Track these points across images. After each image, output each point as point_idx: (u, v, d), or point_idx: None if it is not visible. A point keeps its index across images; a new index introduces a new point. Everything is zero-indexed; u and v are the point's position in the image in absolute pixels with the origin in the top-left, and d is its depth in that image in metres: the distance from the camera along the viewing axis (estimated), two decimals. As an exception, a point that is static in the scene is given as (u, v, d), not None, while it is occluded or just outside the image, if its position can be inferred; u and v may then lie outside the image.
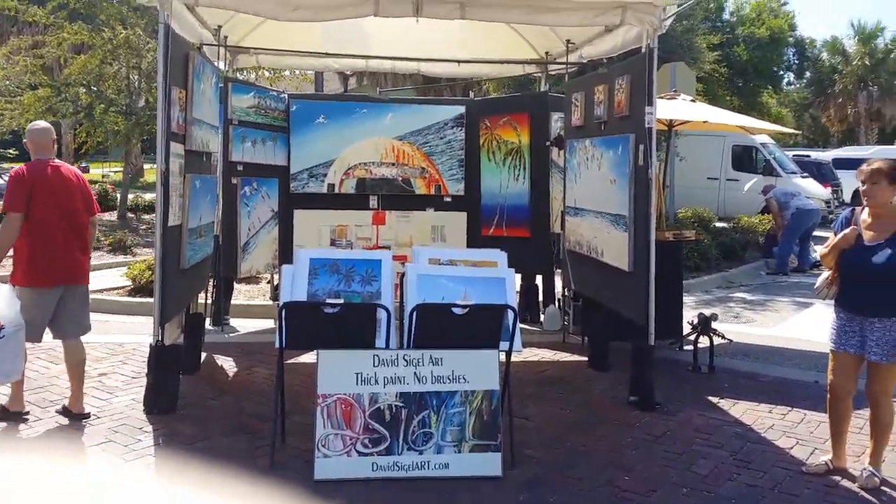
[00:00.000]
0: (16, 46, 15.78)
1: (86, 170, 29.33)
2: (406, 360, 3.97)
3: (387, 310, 4.05)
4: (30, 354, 6.07)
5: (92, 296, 8.47)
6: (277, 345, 4.02)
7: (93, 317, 7.85)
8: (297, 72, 17.32)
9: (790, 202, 11.65)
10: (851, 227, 3.99)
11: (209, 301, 7.28)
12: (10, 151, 24.85)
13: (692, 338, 6.22)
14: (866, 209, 4.03)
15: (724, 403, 5.27)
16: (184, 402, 4.99)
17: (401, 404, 3.93)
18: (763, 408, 5.18)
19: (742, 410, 5.12)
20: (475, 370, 4.01)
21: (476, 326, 4.07)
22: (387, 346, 4.06)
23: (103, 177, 23.86)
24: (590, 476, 4.02)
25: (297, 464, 4.02)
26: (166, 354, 4.86)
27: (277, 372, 4.12)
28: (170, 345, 4.98)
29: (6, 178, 17.73)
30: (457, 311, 4.04)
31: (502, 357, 4.19)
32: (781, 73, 35.28)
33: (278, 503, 3.63)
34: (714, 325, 6.23)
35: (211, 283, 7.29)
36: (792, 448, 4.47)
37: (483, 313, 4.10)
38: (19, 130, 17.87)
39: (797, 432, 4.73)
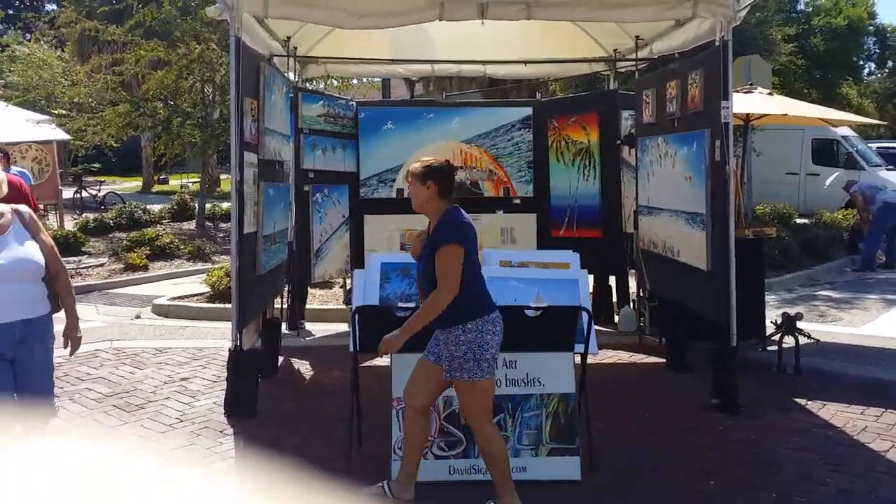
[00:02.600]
0: (97, 64, 16.44)
1: (164, 181, 30.33)
2: (480, 363, 3.92)
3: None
4: (115, 360, 6.35)
5: (174, 302, 8.92)
6: (351, 349, 4.04)
7: (174, 323, 8.30)
8: (365, 80, 17.56)
9: (876, 196, 11.13)
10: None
11: (285, 306, 7.43)
12: (95, 165, 25.98)
13: (776, 338, 5.98)
14: None
15: (812, 405, 5.04)
16: (263, 406, 5.07)
17: (476, 407, 3.89)
18: (854, 409, 4.94)
19: (832, 413, 4.90)
20: (550, 373, 3.95)
21: (550, 329, 4.00)
22: (461, 349, 4.03)
23: (182, 187, 24.63)
24: (672, 481, 3.91)
25: (373, 466, 4.03)
26: (245, 359, 4.95)
27: (352, 375, 4.14)
28: (248, 349, 5.08)
29: (91, 192, 18.36)
30: (530, 313, 3.99)
31: (578, 359, 4.12)
32: (861, 62, 33.85)
33: (356, 506, 3.64)
34: (799, 324, 5.98)
35: (286, 289, 7.47)
36: (888, 451, 4.24)
37: (557, 315, 4.03)
38: (102, 146, 18.68)
39: (891, 434, 4.49)
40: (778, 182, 16.61)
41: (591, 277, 7.90)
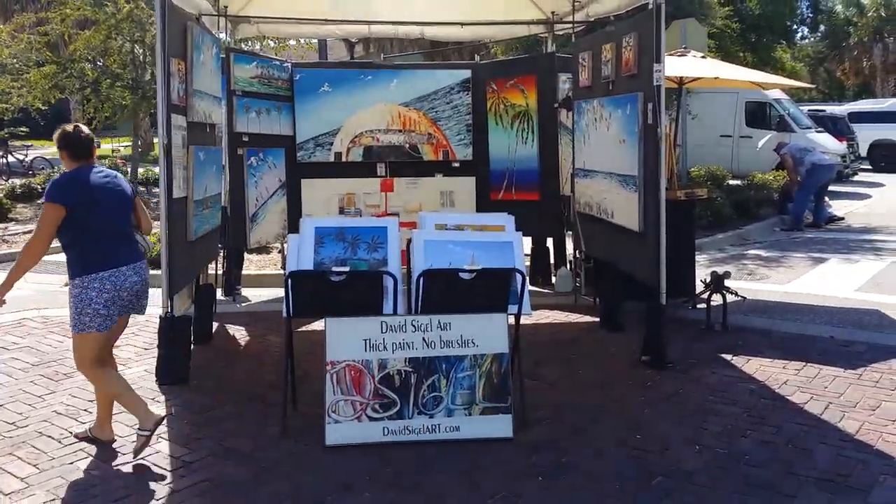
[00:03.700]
0: (20, 24, 15.69)
1: (97, 145, 29.30)
2: (414, 326, 3.95)
3: (393, 277, 4.03)
4: (42, 328, 6.17)
5: (104, 271, 8.68)
6: (285, 314, 4.02)
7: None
8: (303, 42, 17.20)
9: (805, 157, 11.47)
10: None
11: (220, 272, 7.32)
12: (22, 129, 24.90)
13: (705, 296, 6.16)
14: None
15: (738, 360, 5.23)
16: (196, 373, 5.02)
17: (410, 369, 3.93)
18: (777, 364, 5.14)
19: (755, 367, 5.09)
20: (484, 334, 3.99)
21: (484, 291, 4.05)
22: (395, 313, 4.05)
23: (113, 151, 23.85)
24: (601, 436, 4.02)
25: (308, 430, 4.04)
26: (176, 326, 4.88)
27: (286, 340, 4.12)
28: (180, 316, 5.00)
29: (17, 157, 17.65)
30: (464, 276, 4.02)
31: (512, 320, 4.18)
32: (795, 27, 34.58)
33: (290, 469, 3.65)
34: (727, 282, 6.17)
35: (221, 255, 7.34)
36: (806, 403, 4.44)
37: (491, 277, 4.08)
38: (28, 108, 17.88)
39: (811, 387, 4.69)
40: (712, 144, 16.97)
41: (529, 240, 8.07)
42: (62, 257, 9.59)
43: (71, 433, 4.09)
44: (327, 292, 4.00)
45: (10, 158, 19.80)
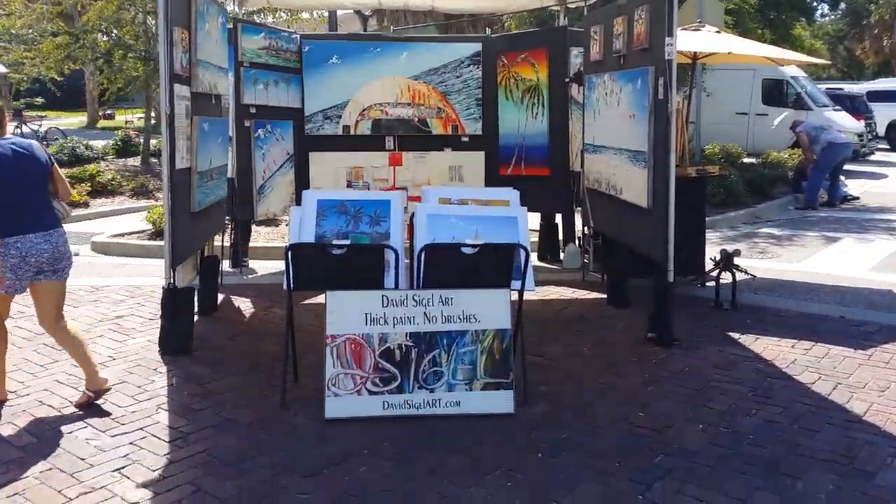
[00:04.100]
0: (33, -8, 15.65)
1: (111, 116, 29.34)
2: (415, 301, 3.91)
3: (395, 250, 3.98)
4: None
5: (114, 240, 8.71)
6: (285, 287, 3.99)
7: (114, 260, 8.10)
8: (315, 14, 17.00)
9: (820, 136, 11.30)
10: None
11: (228, 244, 7.32)
12: (37, 100, 24.92)
13: (714, 274, 6.08)
14: None
15: (746, 339, 5.17)
16: (199, 344, 5.01)
17: (411, 344, 3.89)
18: (785, 343, 5.07)
19: (763, 346, 5.02)
20: (486, 309, 3.94)
21: (487, 266, 3.99)
22: (396, 287, 4.01)
23: (126, 122, 23.87)
24: (604, 413, 3.98)
25: (308, 403, 4.03)
26: (179, 296, 4.86)
27: (287, 313, 4.09)
28: (183, 287, 4.98)
29: (31, 128, 17.66)
30: (467, 250, 3.96)
31: (516, 296, 4.12)
32: (815, 4, 33.95)
33: (289, 442, 3.63)
34: (737, 260, 6.09)
35: (229, 226, 7.34)
36: (814, 383, 4.37)
37: (494, 252, 4.02)
38: (43, 79, 17.86)
39: (820, 367, 4.63)
40: (728, 122, 16.74)
41: (538, 216, 8.00)
42: (71, 227, 9.62)
43: (72, 403, 4.09)
44: (328, 265, 3.96)
45: (25, 129, 19.83)
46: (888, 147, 21.07)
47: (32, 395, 4.23)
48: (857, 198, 12.10)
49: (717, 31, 8.50)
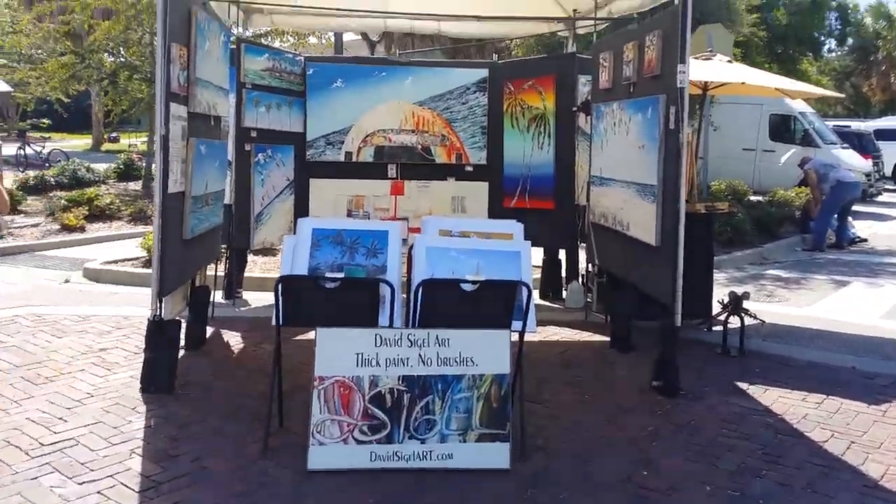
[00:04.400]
0: (42, 12, 15.59)
1: (115, 140, 29.30)
2: (410, 341, 3.70)
3: (391, 285, 3.78)
4: (33, 327, 5.98)
5: (105, 266, 8.52)
6: (274, 321, 3.79)
7: (105, 288, 7.91)
8: (322, 38, 16.99)
9: (829, 174, 11.12)
10: None
11: (221, 273, 7.12)
12: (44, 121, 24.88)
13: (722, 318, 5.87)
14: None
15: (754, 390, 4.94)
16: (184, 380, 4.79)
17: (403, 388, 3.68)
18: (796, 395, 4.84)
19: (773, 398, 4.79)
20: (485, 352, 3.73)
21: (487, 304, 3.79)
22: (391, 325, 3.81)
23: (130, 146, 23.81)
24: (605, 471, 3.74)
25: (292, 450, 3.79)
26: (165, 330, 4.65)
27: (275, 350, 3.88)
28: (169, 320, 4.78)
29: (35, 149, 17.56)
30: (467, 286, 3.76)
31: (516, 337, 3.91)
32: (823, 39, 34.05)
33: (264, 497, 3.40)
34: (746, 304, 5.87)
35: (224, 255, 7.14)
36: (826, 441, 4.14)
37: (495, 289, 3.82)
38: (50, 100, 17.79)
39: (832, 423, 4.39)
40: (734, 158, 16.59)
41: (541, 251, 7.79)
42: (66, 252, 9.49)
43: (41, 444, 3.86)
44: (320, 299, 3.76)
45: (28, 150, 19.78)
46: (895, 188, 20.90)
47: (1, 433, 3.99)
48: (866, 240, 11.89)
49: (730, 61, 8.35)
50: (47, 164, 18.01)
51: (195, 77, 4.96)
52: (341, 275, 3.81)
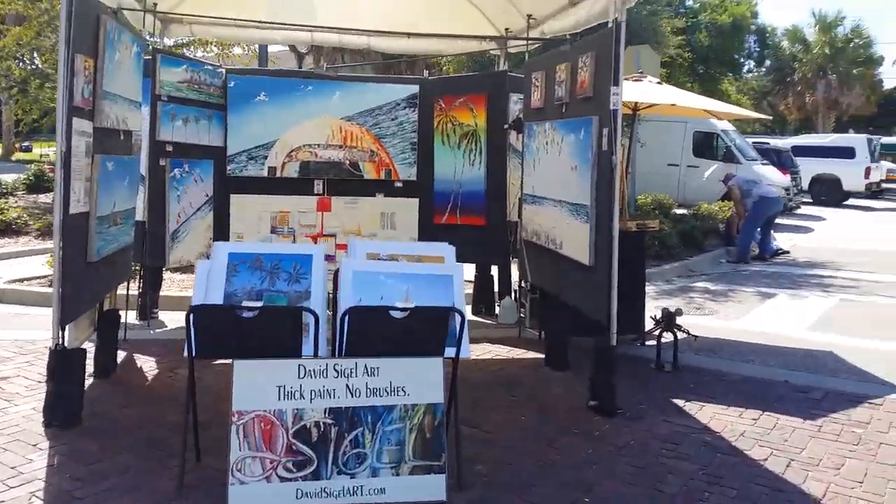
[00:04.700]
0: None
1: (28, 149, 28.03)
2: (336, 371, 3.46)
3: (314, 313, 3.53)
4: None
5: (10, 286, 7.94)
6: (186, 353, 3.49)
7: (8, 309, 7.35)
8: (248, 50, 16.55)
9: (752, 189, 11.42)
10: None
11: (137, 292, 6.71)
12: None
13: (655, 333, 5.82)
14: None
15: (691, 407, 4.87)
16: (92, 412, 4.41)
17: (330, 421, 3.43)
18: (732, 412, 4.80)
19: (710, 415, 4.73)
20: (416, 381, 3.52)
21: (419, 331, 3.58)
22: (315, 355, 3.56)
23: (42, 156, 22.70)
24: (547, 499, 3.57)
25: (211, 488, 3.50)
26: (69, 359, 4.27)
27: (188, 382, 3.57)
28: (74, 348, 4.40)
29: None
30: (396, 314, 3.54)
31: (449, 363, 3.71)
32: (742, 60, 35.42)
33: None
34: (678, 320, 5.84)
35: (138, 275, 6.74)
36: (766, 460, 4.08)
37: (427, 316, 3.61)
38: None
39: (770, 440, 4.35)
40: (660, 173, 16.94)
41: (472, 267, 7.66)
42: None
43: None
44: (237, 330, 3.48)
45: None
46: (811, 201, 21.72)
47: None
48: (788, 252, 12.21)
49: (659, 82, 8.44)
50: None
51: (102, 90, 4.61)
52: (259, 303, 3.54)
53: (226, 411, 3.91)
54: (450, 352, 3.67)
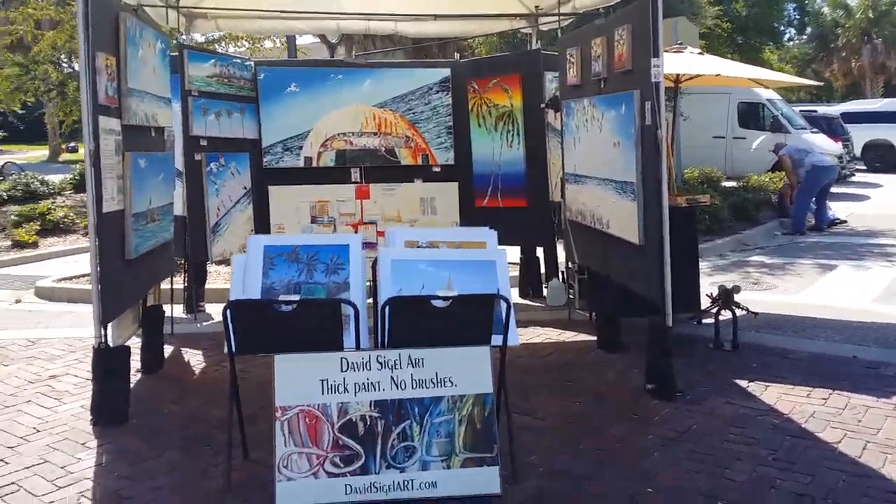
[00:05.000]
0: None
1: (74, 150, 28.61)
2: (380, 363, 3.31)
3: (353, 305, 3.38)
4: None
5: (59, 284, 8.02)
6: (227, 350, 3.38)
7: (58, 307, 7.41)
8: (279, 43, 16.53)
9: (804, 159, 10.98)
10: None
11: (183, 287, 6.72)
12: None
13: (713, 311, 5.56)
14: None
15: (755, 388, 4.62)
16: (139, 409, 4.37)
17: (376, 414, 3.29)
18: (799, 391, 4.53)
19: (776, 395, 4.47)
20: (463, 371, 3.35)
21: (463, 320, 3.41)
22: (357, 347, 3.42)
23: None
24: (606, 489, 3.39)
25: (259, 484, 3.40)
26: (112, 357, 4.22)
27: (231, 380, 3.47)
28: (117, 346, 4.35)
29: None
30: (437, 303, 3.38)
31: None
32: (782, 28, 34.37)
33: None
34: (736, 297, 5.57)
35: (183, 269, 6.74)
36: (840, 442, 3.83)
37: (470, 304, 3.44)
38: (5, 112, 17.09)
39: (843, 421, 4.08)
40: (704, 146, 16.43)
41: (517, 249, 7.48)
42: (18, 270, 8.94)
43: (-23, 493, 3.43)
44: (275, 325, 3.36)
45: (-22, 163, 19.02)
46: (865, 168, 20.93)
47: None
48: (845, 221, 11.73)
49: (700, 53, 8.11)
50: (1, 178, 17.27)
51: (127, 87, 4.53)
52: (296, 297, 3.40)
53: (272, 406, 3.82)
54: (497, 340, 3.49)
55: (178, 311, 6.39)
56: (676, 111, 10.60)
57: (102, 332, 4.20)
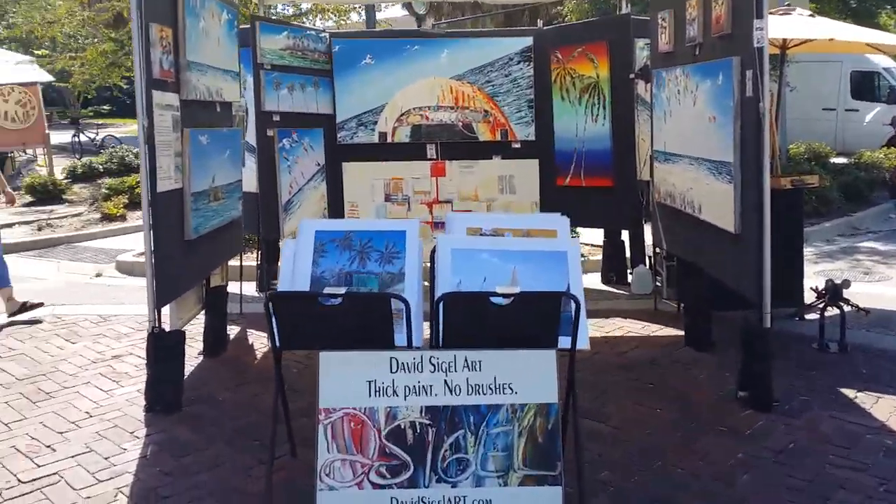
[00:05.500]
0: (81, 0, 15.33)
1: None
2: (434, 365, 3.01)
3: (404, 300, 3.07)
4: (49, 331, 5.56)
5: (138, 258, 8.10)
6: (270, 344, 3.15)
7: (135, 282, 7.47)
8: (364, 17, 16.34)
9: (926, 133, 9.94)
10: None
11: (256, 265, 6.65)
12: (104, 107, 25.02)
13: (818, 306, 4.99)
14: None
15: (864, 399, 4.08)
16: (193, 395, 4.26)
17: (427, 422, 2.99)
18: (918, 406, 3.98)
19: (889, 410, 3.93)
20: (525, 377, 3.00)
21: (526, 320, 3.06)
22: (409, 346, 3.12)
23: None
24: (685, 516, 3.01)
25: (302, 489, 3.18)
26: (165, 342, 4.09)
27: (276, 377, 3.24)
28: (172, 331, 4.23)
29: (88, 136, 17.18)
30: (497, 300, 3.03)
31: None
32: (903, -11, 31.69)
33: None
34: (845, 292, 4.98)
35: (256, 247, 6.67)
36: (968, 472, 3.30)
37: (534, 302, 3.08)
38: (111, 87, 17.62)
39: (971, 445, 3.54)
40: (813, 118, 15.28)
41: (601, 232, 7.03)
42: (104, 243, 9.11)
43: (21, 480, 3.35)
44: (321, 319, 3.10)
45: (82, 137, 19.77)
46: None
47: (-19, 463, 3.52)
48: (972, 203, 10.63)
49: (812, 16, 7.32)
50: (102, 150, 17.90)
51: (185, 61, 4.34)
52: (343, 290, 3.12)
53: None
54: (565, 342, 3.13)
55: (249, 289, 6.28)
56: (782, 81, 9.73)
57: (157, 316, 4.06)
